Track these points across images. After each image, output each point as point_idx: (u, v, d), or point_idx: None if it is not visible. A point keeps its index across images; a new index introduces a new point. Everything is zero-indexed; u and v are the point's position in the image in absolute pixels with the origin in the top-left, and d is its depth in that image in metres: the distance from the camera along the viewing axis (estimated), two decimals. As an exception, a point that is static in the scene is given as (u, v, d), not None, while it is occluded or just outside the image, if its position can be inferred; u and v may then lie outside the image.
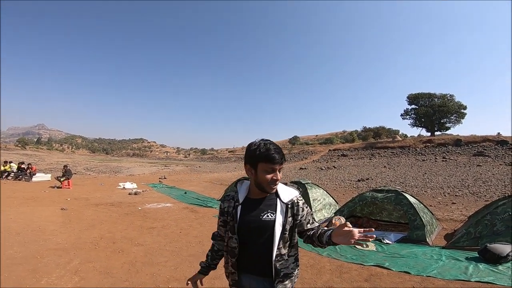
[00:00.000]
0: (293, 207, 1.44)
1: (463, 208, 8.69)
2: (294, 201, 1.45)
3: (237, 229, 1.42)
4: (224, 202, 1.54)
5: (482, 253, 4.31)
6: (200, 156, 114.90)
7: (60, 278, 3.61)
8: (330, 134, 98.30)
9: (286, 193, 1.46)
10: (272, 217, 1.39)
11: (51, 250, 4.57)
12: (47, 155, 68.07)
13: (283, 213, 1.41)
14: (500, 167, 18.34)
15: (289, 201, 1.43)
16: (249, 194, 1.49)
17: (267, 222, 1.39)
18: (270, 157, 1.35)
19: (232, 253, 1.45)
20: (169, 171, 33.42)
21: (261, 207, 1.43)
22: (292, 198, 1.45)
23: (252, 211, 1.42)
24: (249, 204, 1.45)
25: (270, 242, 1.38)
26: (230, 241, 1.45)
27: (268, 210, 1.41)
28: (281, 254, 1.39)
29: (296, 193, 1.49)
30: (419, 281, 3.64)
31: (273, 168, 1.37)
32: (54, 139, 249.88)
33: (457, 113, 42.39)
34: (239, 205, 1.45)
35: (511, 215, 4.81)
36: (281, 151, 1.41)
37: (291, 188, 1.51)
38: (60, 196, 10.23)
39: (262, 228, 1.39)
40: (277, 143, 1.41)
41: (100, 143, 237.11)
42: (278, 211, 1.40)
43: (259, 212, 1.41)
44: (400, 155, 30.49)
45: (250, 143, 1.45)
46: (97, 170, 32.71)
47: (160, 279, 3.68)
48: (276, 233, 1.37)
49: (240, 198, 1.47)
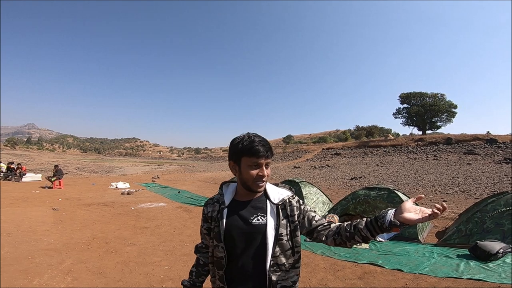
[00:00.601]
0: (285, 208, 1.27)
1: (454, 206, 8.83)
2: (286, 201, 1.29)
3: (223, 236, 1.23)
4: (208, 206, 1.35)
5: (473, 251, 4.38)
6: (193, 155, 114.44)
7: (52, 278, 3.57)
8: (324, 133, 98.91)
9: (276, 193, 1.31)
10: (263, 220, 1.23)
11: (42, 251, 4.51)
12: (38, 155, 67.00)
13: (274, 215, 1.24)
14: (490, 165, 18.68)
15: (280, 201, 1.27)
16: (236, 196, 1.32)
17: (258, 226, 1.22)
18: (254, 150, 1.20)
19: (219, 265, 1.26)
20: (163, 170, 33.21)
21: (250, 210, 1.26)
22: (283, 198, 1.29)
23: (240, 214, 1.26)
24: (236, 207, 1.28)
25: (263, 249, 1.20)
26: (216, 251, 1.26)
27: (258, 213, 1.25)
28: (278, 264, 1.21)
29: (287, 193, 1.32)
30: (411, 278, 3.69)
31: (258, 163, 1.21)
32: (44, 139, 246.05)
33: (448, 112, 43.06)
34: (225, 208, 1.28)
35: (501, 212, 4.91)
36: (268, 144, 1.25)
37: (283, 189, 1.35)
38: (51, 196, 10.09)
39: (252, 234, 1.22)
40: (271, 142, 1.31)
41: (92, 143, 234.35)
42: (268, 213, 1.24)
43: (248, 216, 1.25)
44: (392, 154, 30.84)
45: (234, 138, 1.29)
46: (89, 170, 32.32)
47: (154, 279, 3.66)
48: (269, 239, 1.20)
49: (226, 200, 1.31)
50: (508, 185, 11.78)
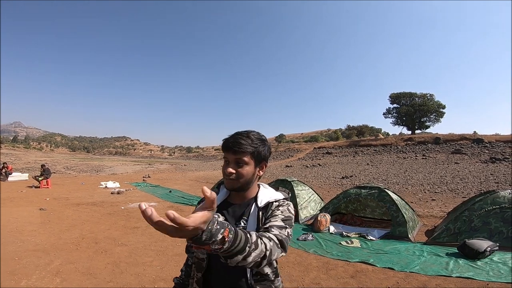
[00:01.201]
0: (266, 211, 1.15)
1: (442, 205, 9.00)
2: (270, 202, 1.17)
3: None
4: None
5: (461, 249, 4.47)
6: (185, 154, 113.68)
7: (40, 279, 3.48)
8: (315, 132, 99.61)
9: (266, 195, 1.20)
10: (245, 225, 1.14)
11: (30, 251, 4.40)
12: (24, 154, 65.42)
13: (255, 219, 1.14)
14: (476, 165, 19.11)
15: (264, 205, 1.16)
16: (229, 197, 1.26)
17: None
18: (224, 143, 1.14)
19: (199, 266, 1.19)
20: (153, 169, 32.87)
21: (236, 213, 1.19)
22: (269, 200, 1.17)
23: (227, 217, 1.18)
24: (225, 209, 1.21)
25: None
26: (199, 251, 1.19)
27: (243, 217, 1.17)
28: (261, 274, 1.13)
29: (277, 196, 1.20)
30: (403, 277, 3.74)
31: (226, 158, 1.15)
32: (31, 137, 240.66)
33: (436, 112, 43.89)
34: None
35: (488, 211, 5.02)
36: (244, 139, 1.13)
37: (277, 192, 1.24)
38: (39, 196, 9.87)
39: None
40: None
41: (80, 141, 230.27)
42: (250, 217, 1.16)
43: (233, 219, 1.18)
44: (382, 153, 31.25)
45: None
46: (77, 169, 31.73)
47: (146, 279, 3.61)
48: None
49: (218, 200, 1.16)
50: (494, 184, 12.08)
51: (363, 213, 7.19)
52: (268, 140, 1.27)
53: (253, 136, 1.17)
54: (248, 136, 1.15)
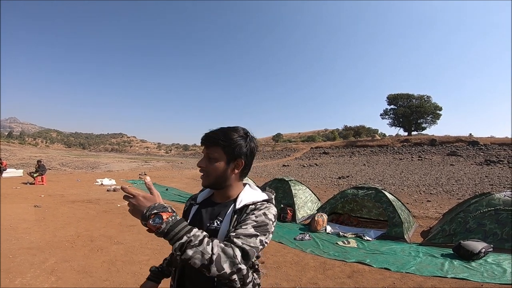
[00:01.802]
0: (241, 214, 1.07)
1: (437, 206, 9.07)
2: (246, 205, 1.08)
3: None
4: (187, 202, 1.29)
5: (456, 250, 4.51)
6: (182, 152, 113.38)
7: (35, 278, 3.45)
8: (312, 132, 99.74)
9: (246, 197, 1.12)
10: (218, 225, 1.08)
11: (24, 249, 4.36)
12: (19, 150, 64.80)
13: (229, 220, 1.07)
14: (471, 167, 19.30)
15: (242, 207, 1.08)
16: (212, 196, 1.22)
17: (212, 231, 1.07)
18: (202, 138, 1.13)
19: (175, 261, 1.19)
20: (150, 167, 32.74)
21: (213, 213, 1.14)
22: (246, 203, 1.09)
23: (203, 215, 1.14)
24: (205, 207, 1.17)
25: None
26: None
27: (218, 217, 1.11)
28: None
29: (256, 198, 1.11)
30: (399, 277, 3.76)
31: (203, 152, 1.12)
32: (27, 133, 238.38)
33: (433, 114, 44.20)
34: (194, 205, 1.20)
35: (483, 213, 5.07)
36: (218, 134, 1.08)
37: (261, 193, 1.16)
38: (33, 193, 9.78)
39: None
40: (261, 140, 1.10)
41: (76, 138, 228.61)
42: (225, 218, 1.09)
43: (209, 218, 1.13)
44: (378, 154, 31.44)
45: None
46: (73, 165, 31.49)
47: (142, 278, 3.55)
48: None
49: (200, 198, 1.21)
50: (489, 186, 12.20)
51: (359, 214, 7.22)
52: (255, 139, 1.19)
53: (231, 131, 1.10)
54: (224, 131, 1.10)
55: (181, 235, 0.88)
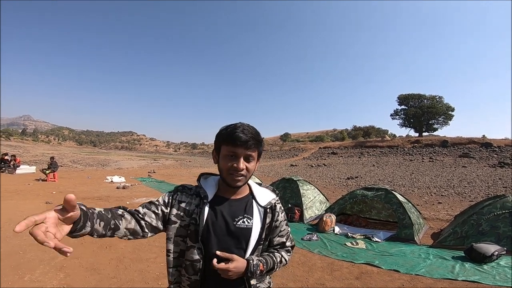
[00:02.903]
0: (271, 212, 1.17)
1: (448, 208, 8.87)
2: (273, 205, 1.19)
3: (201, 236, 1.07)
4: (183, 195, 1.13)
5: (468, 253, 4.40)
6: (190, 151, 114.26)
7: (44, 274, 3.50)
8: (321, 132, 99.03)
9: (263, 194, 1.20)
10: (249, 223, 1.11)
11: (34, 246, 4.42)
12: (32, 147, 66.36)
13: (260, 219, 1.14)
14: (484, 169, 18.83)
15: (267, 205, 1.16)
16: (218, 191, 1.16)
17: (244, 230, 1.10)
18: (232, 137, 1.04)
19: (193, 269, 1.08)
20: (159, 165, 33.08)
21: (234, 210, 1.12)
22: (270, 201, 1.18)
23: (223, 213, 1.10)
24: (220, 204, 1.12)
25: (243, 253, 1.10)
26: (190, 253, 1.08)
27: (244, 214, 1.12)
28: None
29: (273, 195, 1.22)
30: (408, 279, 3.69)
31: (234, 153, 1.06)
32: (40, 131, 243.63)
33: (445, 115, 43.29)
34: (207, 203, 1.10)
35: (496, 215, 4.93)
36: (253, 133, 1.08)
37: (267, 190, 1.25)
38: (45, 189, 9.97)
39: (236, 236, 1.09)
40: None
41: (87, 135, 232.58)
42: (255, 217, 1.13)
43: (233, 216, 1.11)
44: (388, 155, 30.99)
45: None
46: (84, 163, 32.06)
47: (149, 276, 3.61)
48: (251, 243, 1.10)
49: (209, 194, 1.12)
50: (502, 189, 11.88)
51: (368, 215, 7.12)
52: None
53: (256, 130, 1.12)
54: (256, 131, 1.11)
55: (271, 270, 1.17)
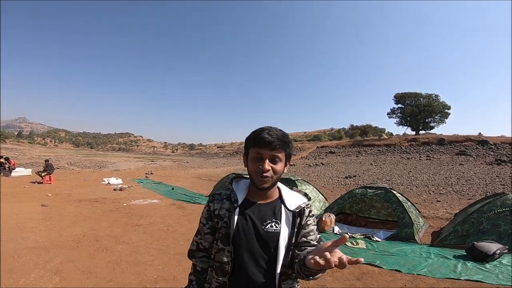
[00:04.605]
0: (300, 216, 1.16)
1: (447, 206, 8.86)
2: (302, 208, 1.17)
3: (232, 239, 1.11)
4: (215, 203, 1.19)
5: (470, 251, 4.36)
6: (188, 151, 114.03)
7: (39, 278, 3.42)
8: (318, 131, 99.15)
9: (292, 198, 1.19)
10: (277, 228, 1.12)
11: (29, 249, 4.34)
12: (28, 149, 65.87)
13: (289, 223, 1.14)
14: (481, 166, 18.90)
15: (296, 209, 1.15)
16: (248, 195, 1.18)
17: (272, 233, 1.12)
18: (258, 138, 1.07)
19: (222, 271, 1.12)
20: (156, 166, 32.93)
21: (263, 214, 1.14)
22: (300, 204, 1.17)
23: (252, 217, 1.13)
24: (249, 208, 1.15)
25: (274, 258, 1.11)
26: (220, 255, 1.13)
27: (272, 218, 1.14)
28: (287, 273, 1.13)
29: (304, 200, 1.20)
30: (410, 279, 3.64)
31: (260, 154, 1.08)
32: (36, 133, 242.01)
33: (441, 113, 43.47)
34: (237, 207, 1.14)
35: (497, 213, 4.90)
36: (280, 135, 1.10)
37: (298, 193, 1.24)
38: (41, 192, 9.85)
39: (265, 240, 1.11)
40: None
41: (84, 137, 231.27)
42: (283, 221, 1.13)
43: (262, 220, 1.13)
44: (386, 153, 31.02)
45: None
46: (81, 164, 31.82)
47: (147, 279, 3.54)
48: (281, 248, 1.10)
49: (239, 198, 1.16)
50: (500, 186, 11.90)
51: (368, 214, 7.08)
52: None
53: (284, 132, 1.15)
54: (283, 133, 1.13)
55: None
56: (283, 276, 1.12)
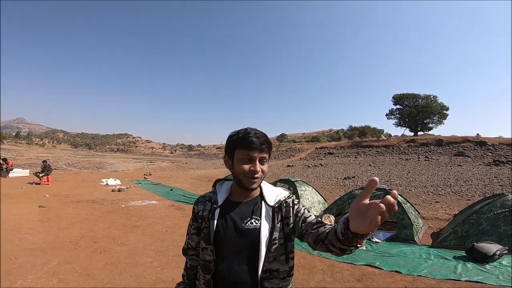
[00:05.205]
0: (280, 210, 1.18)
1: (446, 207, 8.86)
2: (282, 202, 1.19)
3: (213, 239, 1.15)
4: (198, 205, 1.26)
5: (470, 252, 4.35)
6: (186, 152, 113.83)
7: (36, 280, 3.39)
8: (317, 133, 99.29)
9: (273, 194, 1.22)
10: (256, 224, 1.15)
11: (26, 250, 4.31)
12: (26, 150, 65.59)
13: (269, 218, 1.16)
14: (480, 167, 18.94)
15: (276, 203, 1.18)
16: (230, 196, 1.23)
17: (251, 230, 1.14)
18: (247, 141, 1.10)
19: (206, 268, 1.17)
20: (155, 167, 32.83)
21: (244, 212, 1.18)
22: (279, 198, 1.20)
23: (232, 216, 1.17)
24: (230, 208, 1.19)
25: (256, 255, 1.12)
26: (204, 253, 1.18)
27: (252, 215, 1.17)
28: (271, 270, 1.13)
29: (284, 193, 1.23)
30: (410, 280, 3.63)
31: (250, 156, 1.11)
32: (34, 133, 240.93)
33: (439, 114, 43.60)
34: (217, 208, 1.19)
35: (497, 214, 4.89)
36: (265, 137, 1.15)
37: (280, 188, 1.27)
38: (39, 193, 9.79)
39: (245, 238, 1.14)
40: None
41: (82, 138, 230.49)
42: (263, 217, 1.15)
43: (242, 218, 1.16)
44: (384, 154, 31.07)
45: (232, 131, 1.20)
46: (79, 165, 31.69)
47: (145, 281, 3.51)
48: (262, 244, 1.12)
49: (219, 199, 1.21)
50: (499, 187, 11.92)
51: (367, 215, 7.07)
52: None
53: (265, 134, 1.18)
54: (264, 133, 1.17)
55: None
56: (267, 273, 1.12)
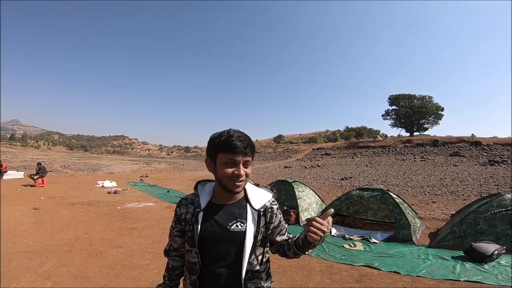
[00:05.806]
0: (265, 214, 1.21)
1: (443, 207, 8.89)
2: (267, 207, 1.22)
3: (197, 241, 1.15)
4: (181, 207, 1.24)
5: (468, 252, 4.35)
6: (183, 154, 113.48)
7: (30, 283, 3.33)
8: (314, 134, 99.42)
9: (258, 196, 1.23)
10: (242, 227, 1.16)
11: (20, 253, 4.23)
12: (21, 152, 64.90)
13: (255, 222, 1.18)
14: (475, 167, 19.10)
15: (262, 207, 1.20)
16: (213, 198, 1.22)
17: (237, 233, 1.15)
18: (230, 145, 1.09)
19: (192, 270, 1.18)
20: (151, 169, 32.66)
21: (228, 215, 1.18)
22: (265, 203, 1.21)
23: (216, 219, 1.17)
24: (214, 211, 1.19)
25: (240, 256, 1.14)
26: (189, 255, 1.19)
27: (237, 218, 1.17)
28: (253, 271, 1.17)
29: (269, 196, 1.25)
30: (409, 281, 3.61)
31: (234, 160, 1.10)
32: (29, 135, 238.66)
33: (435, 115, 43.95)
34: (200, 211, 1.18)
35: (494, 214, 4.90)
36: (248, 140, 1.14)
37: (263, 190, 1.28)
38: (33, 195, 9.68)
39: (230, 240, 1.15)
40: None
41: (78, 140, 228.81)
42: (249, 220, 1.17)
43: (227, 221, 1.17)
44: (381, 155, 31.24)
45: (213, 133, 1.19)
46: (74, 167, 31.44)
47: (142, 284, 3.46)
48: (247, 247, 1.14)
49: (202, 202, 1.20)
50: (494, 187, 12.01)
51: (364, 216, 7.05)
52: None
53: (248, 136, 1.18)
54: (247, 136, 1.17)
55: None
56: (249, 274, 1.16)
